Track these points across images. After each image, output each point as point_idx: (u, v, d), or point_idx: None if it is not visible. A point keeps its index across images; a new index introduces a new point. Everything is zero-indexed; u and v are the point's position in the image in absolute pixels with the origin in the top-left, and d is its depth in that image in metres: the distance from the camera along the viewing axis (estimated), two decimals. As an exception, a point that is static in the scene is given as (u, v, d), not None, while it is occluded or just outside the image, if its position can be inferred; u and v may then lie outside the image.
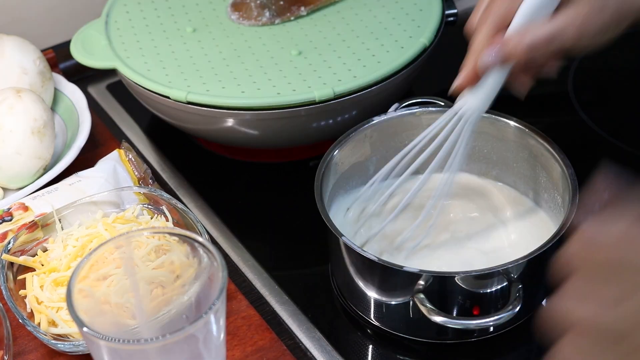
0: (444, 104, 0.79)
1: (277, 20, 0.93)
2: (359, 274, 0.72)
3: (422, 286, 0.68)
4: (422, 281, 0.68)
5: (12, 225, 0.79)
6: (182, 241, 0.62)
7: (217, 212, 0.87)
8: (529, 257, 0.67)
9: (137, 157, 0.88)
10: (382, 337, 0.74)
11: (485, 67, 0.70)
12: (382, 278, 0.71)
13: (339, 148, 0.78)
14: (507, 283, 0.68)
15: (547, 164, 0.76)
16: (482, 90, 0.71)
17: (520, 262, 0.67)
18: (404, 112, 0.80)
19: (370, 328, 0.75)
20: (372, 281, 0.72)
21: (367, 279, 0.72)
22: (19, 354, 0.74)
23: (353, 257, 0.71)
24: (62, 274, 0.74)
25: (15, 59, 0.91)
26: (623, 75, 1.02)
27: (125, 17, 0.95)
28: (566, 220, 0.69)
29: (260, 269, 0.81)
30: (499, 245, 0.76)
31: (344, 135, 0.79)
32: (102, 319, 0.60)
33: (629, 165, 0.89)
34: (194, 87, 0.85)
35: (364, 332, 0.75)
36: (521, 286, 0.68)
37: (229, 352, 0.73)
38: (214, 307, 0.56)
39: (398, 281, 0.70)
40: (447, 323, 0.67)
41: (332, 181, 0.78)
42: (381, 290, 0.72)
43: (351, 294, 0.75)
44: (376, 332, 0.74)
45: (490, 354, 0.73)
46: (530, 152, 0.77)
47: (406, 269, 0.67)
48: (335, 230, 0.70)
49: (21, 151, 0.85)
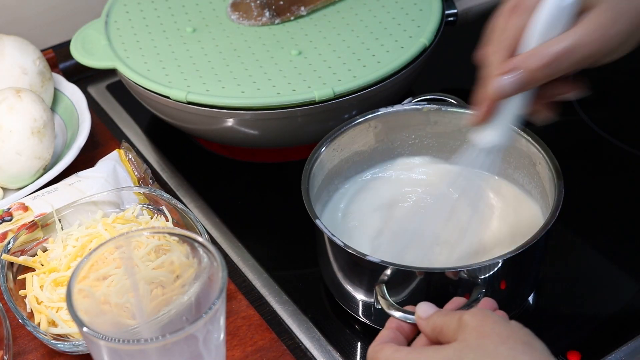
0: (456, 102, 0.79)
1: (277, 20, 0.93)
2: (339, 266, 0.72)
3: (387, 277, 0.68)
4: (387, 272, 0.68)
5: (12, 225, 0.79)
6: (182, 241, 0.62)
7: (217, 212, 0.87)
8: (492, 261, 0.67)
9: (137, 157, 0.88)
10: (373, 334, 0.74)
11: (503, 93, 0.65)
12: (350, 266, 0.71)
13: (339, 136, 0.78)
14: (472, 284, 0.67)
15: (541, 170, 0.75)
16: (501, 122, 0.67)
17: (483, 265, 0.67)
18: (411, 106, 0.80)
19: (359, 325, 0.75)
20: (346, 272, 0.72)
21: (346, 271, 0.72)
22: (19, 354, 0.74)
23: (331, 246, 0.71)
24: (62, 274, 0.74)
25: (15, 59, 0.91)
26: (623, 75, 1.02)
27: (125, 17, 0.95)
28: (540, 230, 0.68)
29: (260, 269, 0.81)
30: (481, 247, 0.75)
31: (346, 122, 0.79)
32: (102, 319, 0.60)
33: (629, 165, 0.90)
34: (194, 87, 0.85)
35: (355, 330, 0.75)
36: (484, 290, 0.67)
37: (229, 352, 0.73)
38: (214, 307, 0.56)
39: (363, 271, 0.70)
40: (406, 319, 0.65)
41: (328, 167, 0.78)
42: (352, 281, 0.72)
43: (337, 290, 0.75)
44: (366, 328, 0.74)
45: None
46: (527, 156, 0.77)
47: (368, 258, 0.68)
48: (312, 214, 0.71)
49: (21, 151, 0.85)
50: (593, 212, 0.84)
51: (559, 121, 0.96)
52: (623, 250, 0.81)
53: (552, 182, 0.72)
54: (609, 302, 0.77)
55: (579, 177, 0.86)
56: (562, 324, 0.75)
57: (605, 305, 0.76)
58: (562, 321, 0.75)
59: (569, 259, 0.80)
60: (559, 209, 0.69)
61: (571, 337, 0.74)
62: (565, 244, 0.81)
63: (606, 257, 0.81)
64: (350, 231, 0.77)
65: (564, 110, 0.96)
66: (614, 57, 0.66)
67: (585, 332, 0.74)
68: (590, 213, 0.84)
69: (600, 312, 0.76)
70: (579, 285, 0.79)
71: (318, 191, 0.77)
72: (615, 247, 0.82)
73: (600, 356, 0.72)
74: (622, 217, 0.84)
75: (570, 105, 0.96)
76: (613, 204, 0.86)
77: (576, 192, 0.75)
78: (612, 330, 0.74)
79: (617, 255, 0.81)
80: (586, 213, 0.84)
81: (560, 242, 0.79)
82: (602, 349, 0.72)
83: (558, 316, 0.75)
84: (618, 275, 0.80)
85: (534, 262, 0.72)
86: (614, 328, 0.75)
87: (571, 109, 0.96)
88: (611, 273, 0.80)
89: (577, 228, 0.82)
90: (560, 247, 0.79)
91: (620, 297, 0.77)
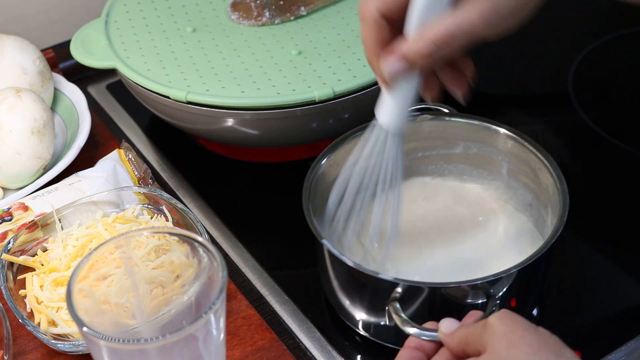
0: (448, 111, 0.79)
1: (277, 20, 0.93)
2: (338, 281, 0.72)
3: (398, 294, 0.67)
4: (398, 289, 0.67)
5: (12, 225, 0.79)
6: (182, 241, 0.62)
7: (217, 212, 0.87)
8: (508, 272, 0.66)
9: (137, 157, 0.88)
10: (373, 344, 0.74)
11: (391, 76, 0.63)
12: (360, 285, 0.70)
13: (335, 149, 0.78)
14: (486, 297, 0.67)
15: (542, 177, 0.75)
16: (394, 103, 0.66)
17: (499, 276, 0.66)
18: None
19: (359, 336, 0.75)
20: (353, 290, 0.71)
21: (346, 286, 0.71)
22: (19, 353, 0.74)
23: (335, 263, 0.71)
24: (62, 273, 0.74)
25: (15, 58, 0.91)
26: (623, 75, 1.02)
27: (125, 17, 0.95)
28: (550, 238, 0.68)
29: (260, 269, 0.81)
30: (486, 256, 0.75)
31: (341, 137, 0.79)
32: (102, 318, 0.60)
33: (629, 165, 0.90)
34: (194, 87, 0.85)
35: (355, 330, 0.75)
36: (498, 302, 0.67)
37: (229, 352, 0.73)
38: (214, 307, 0.56)
39: (374, 289, 0.69)
40: (421, 335, 0.64)
41: (327, 182, 0.78)
42: (361, 299, 0.71)
43: (338, 304, 0.75)
44: (366, 338, 0.74)
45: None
46: (527, 163, 0.77)
47: (381, 276, 0.67)
48: (317, 233, 0.70)
49: (21, 151, 0.85)
50: (593, 213, 0.84)
51: (559, 121, 0.96)
52: (623, 250, 0.81)
53: (555, 188, 0.72)
54: (609, 302, 0.77)
55: (579, 177, 0.86)
56: (562, 323, 0.75)
57: (606, 306, 0.76)
58: (562, 321, 0.75)
59: (569, 259, 0.80)
60: (566, 215, 0.69)
61: (571, 337, 0.73)
62: (565, 245, 0.81)
63: (606, 257, 0.81)
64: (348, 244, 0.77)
65: (564, 110, 0.97)
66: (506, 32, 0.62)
67: (585, 332, 0.74)
68: (590, 213, 0.84)
69: (600, 312, 0.76)
70: (580, 285, 0.79)
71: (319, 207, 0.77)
72: (616, 247, 0.82)
73: (600, 356, 0.72)
74: (622, 217, 0.84)
75: (570, 105, 0.96)
76: (613, 204, 0.86)
77: (576, 192, 0.75)
78: (612, 330, 0.74)
79: (617, 255, 0.81)
80: (586, 213, 0.83)
81: (560, 243, 0.79)
82: (602, 349, 0.72)
83: (558, 316, 0.75)
84: (618, 275, 0.80)
85: (542, 269, 0.72)
86: (614, 328, 0.75)
87: (571, 109, 0.96)
88: (611, 273, 0.80)
89: (577, 228, 0.82)
90: (561, 247, 0.79)
91: (621, 297, 0.77)
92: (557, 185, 0.72)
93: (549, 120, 0.96)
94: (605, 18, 1.11)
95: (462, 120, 0.79)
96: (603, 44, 1.05)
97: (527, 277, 0.70)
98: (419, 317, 0.67)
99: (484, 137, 0.78)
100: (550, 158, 0.74)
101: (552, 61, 1.01)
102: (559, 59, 1.03)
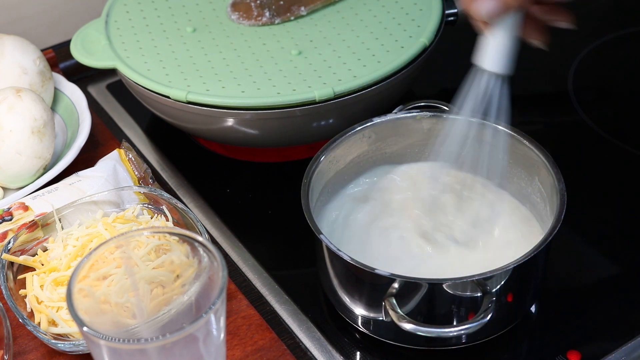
0: (447, 109, 0.79)
1: (277, 20, 0.93)
2: (337, 277, 0.72)
3: (395, 290, 0.67)
4: (395, 285, 0.67)
5: (12, 224, 0.80)
6: (182, 241, 0.62)
7: (217, 212, 0.87)
8: (505, 269, 0.67)
9: (137, 156, 0.88)
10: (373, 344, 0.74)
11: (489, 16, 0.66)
12: (357, 280, 0.71)
13: (334, 146, 0.78)
14: (481, 293, 0.67)
15: (541, 176, 0.75)
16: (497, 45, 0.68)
17: (495, 273, 0.67)
18: (404, 114, 0.80)
19: (358, 333, 0.75)
20: (351, 286, 0.71)
21: (345, 282, 0.72)
22: (19, 353, 0.74)
23: (333, 259, 0.71)
24: (62, 273, 0.74)
25: (15, 58, 0.91)
26: (623, 75, 1.02)
27: (125, 17, 0.95)
28: (547, 236, 0.68)
29: (260, 269, 0.81)
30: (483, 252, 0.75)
31: (340, 134, 0.79)
32: (102, 318, 0.60)
33: (629, 165, 0.90)
34: (194, 87, 0.85)
35: (355, 329, 0.75)
36: (494, 298, 0.67)
37: (229, 352, 0.73)
38: (214, 307, 0.56)
39: (371, 284, 0.69)
40: (417, 331, 0.65)
41: (325, 178, 0.78)
42: (359, 295, 0.71)
43: (337, 301, 0.75)
44: (366, 337, 0.74)
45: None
46: (526, 162, 0.77)
47: (378, 271, 0.67)
48: (315, 229, 0.70)
49: (21, 151, 0.85)
50: (593, 212, 0.84)
51: (559, 121, 0.96)
52: (623, 250, 0.81)
53: (554, 187, 0.72)
54: (609, 302, 0.77)
55: (579, 176, 0.86)
56: (562, 323, 0.75)
57: (605, 305, 0.76)
58: (562, 321, 0.75)
59: (569, 258, 0.80)
60: (564, 212, 0.69)
61: (571, 337, 0.74)
62: (565, 244, 0.81)
63: (606, 257, 0.81)
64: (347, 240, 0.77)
65: (564, 110, 0.97)
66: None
67: (585, 332, 0.74)
68: (590, 213, 0.84)
69: (600, 312, 0.76)
70: (580, 285, 0.79)
71: (317, 204, 0.77)
72: (616, 247, 0.82)
73: (600, 356, 0.72)
74: (622, 217, 0.84)
75: (570, 105, 0.96)
76: (612, 203, 0.86)
77: (576, 192, 0.75)
78: (612, 330, 0.74)
79: (617, 255, 0.81)
80: (586, 213, 0.84)
81: (559, 242, 0.79)
82: (602, 349, 0.72)
83: (558, 316, 0.75)
84: (618, 275, 0.80)
85: (539, 267, 0.72)
86: (614, 328, 0.75)
87: (571, 109, 0.96)
88: (611, 273, 0.80)
89: (576, 228, 0.82)
90: (560, 247, 0.79)
91: (621, 297, 0.77)
92: (555, 184, 0.72)
93: (549, 120, 0.96)
94: (605, 18, 1.11)
95: (461, 118, 0.79)
96: (603, 44, 1.05)
97: (523, 274, 0.70)
98: (416, 313, 0.68)
99: (483, 135, 0.78)
100: (549, 157, 0.74)
101: (552, 61, 1.01)
102: (559, 59, 1.03)
